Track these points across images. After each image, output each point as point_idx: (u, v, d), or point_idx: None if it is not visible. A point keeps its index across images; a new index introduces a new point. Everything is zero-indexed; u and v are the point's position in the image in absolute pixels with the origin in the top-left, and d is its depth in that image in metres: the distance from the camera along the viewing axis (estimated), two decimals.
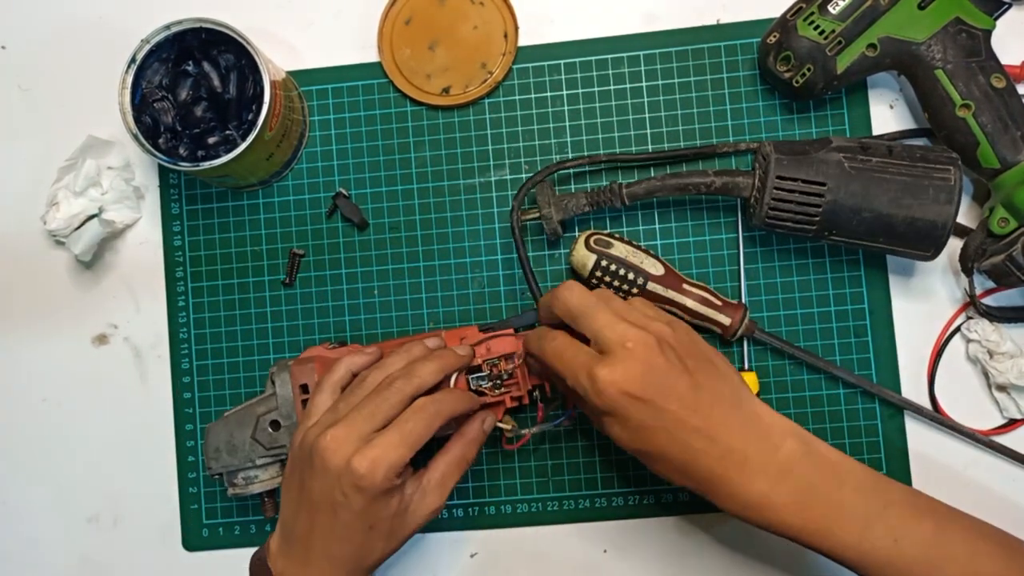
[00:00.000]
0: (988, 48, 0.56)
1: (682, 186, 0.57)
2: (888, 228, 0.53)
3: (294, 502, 0.50)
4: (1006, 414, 0.59)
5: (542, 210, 0.58)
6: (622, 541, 0.61)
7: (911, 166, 0.53)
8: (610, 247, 0.57)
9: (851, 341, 0.60)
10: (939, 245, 0.53)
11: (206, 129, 0.57)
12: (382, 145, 0.63)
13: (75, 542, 0.64)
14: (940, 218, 0.52)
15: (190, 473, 0.63)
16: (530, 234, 0.62)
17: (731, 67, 0.62)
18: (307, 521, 0.49)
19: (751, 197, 0.56)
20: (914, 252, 0.54)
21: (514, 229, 0.58)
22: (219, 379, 0.63)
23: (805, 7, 0.56)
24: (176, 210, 0.64)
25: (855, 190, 0.53)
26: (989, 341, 0.58)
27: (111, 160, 0.64)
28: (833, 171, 0.53)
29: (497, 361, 0.55)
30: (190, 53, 0.57)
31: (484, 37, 0.63)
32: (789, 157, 0.54)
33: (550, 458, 0.61)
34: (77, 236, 0.62)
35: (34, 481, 0.64)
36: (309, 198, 0.64)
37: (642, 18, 0.63)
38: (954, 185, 0.52)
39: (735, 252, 0.61)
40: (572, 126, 0.62)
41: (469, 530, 0.61)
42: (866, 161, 0.53)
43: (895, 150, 0.54)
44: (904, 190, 0.52)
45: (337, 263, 0.63)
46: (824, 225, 0.54)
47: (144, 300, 0.64)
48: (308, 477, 0.48)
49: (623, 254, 0.57)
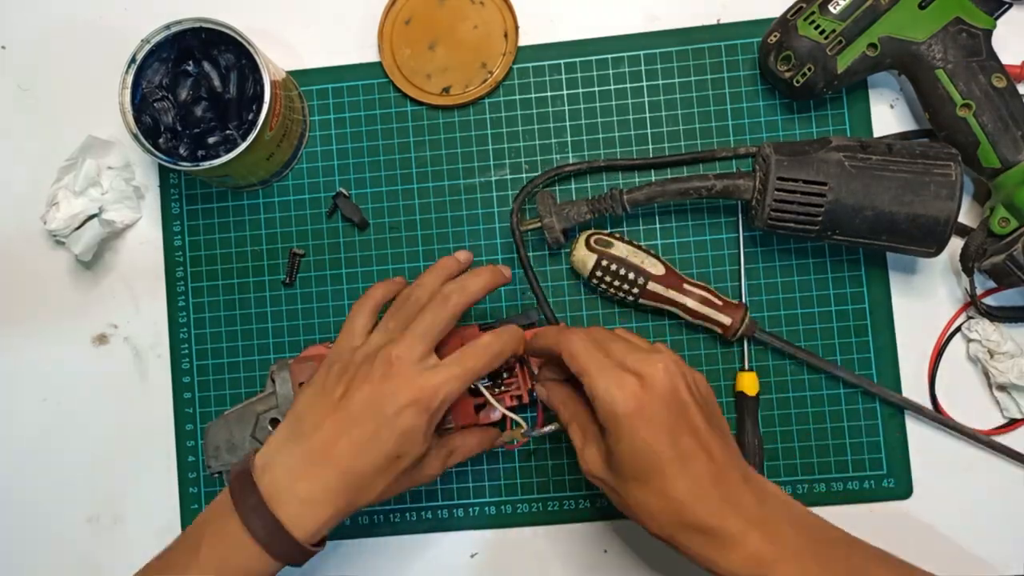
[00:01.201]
0: (989, 48, 0.56)
1: (683, 190, 0.57)
2: (891, 226, 0.53)
3: (318, 413, 0.48)
4: (1006, 414, 0.59)
5: (543, 220, 0.58)
6: (622, 541, 0.61)
7: (911, 163, 0.53)
8: (610, 247, 0.57)
9: (851, 341, 0.60)
10: (942, 241, 0.53)
11: (206, 129, 0.57)
12: (382, 145, 0.63)
13: (75, 542, 0.64)
14: (943, 214, 0.52)
15: (190, 473, 0.63)
16: (531, 243, 0.62)
17: (731, 67, 0.62)
18: (335, 429, 0.47)
19: (752, 199, 0.56)
20: (917, 249, 0.54)
21: (514, 231, 0.58)
22: (219, 379, 0.63)
23: (805, 7, 0.56)
24: (176, 210, 0.64)
25: (856, 189, 0.53)
26: (990, 341, 0.58)
27: (111, 160, 0.64)
28: (834, 170, 0.53)
29: None
30: (190, 53, 0.57)
31: (484, 37, 0.63)
32: (789, 158, 0.54)
33: (550, 458, 0.61)
34: (77, 236, 0.62)
35: (34, 481, 0.64)
36: (309, 198, 0.64)
37: (642, 18, 0.63)
38: (955, 181, 0.52)
39: (735, 252, 0.61)
40: (572, 126, 0.62)
41: (469, 530, 0.61)
42: (866, 159, 0.53)
43: (895, 148, 0.54)
44: (905, 187, 0.52)
45: (337, 263, 0.63)
46: (826, 225, 0.54)
47: (144, 300, 0.64)
48: (357, 387, 0.47)
49: (624, 254, 0.57)
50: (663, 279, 0.57)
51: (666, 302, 0.57)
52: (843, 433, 0.59)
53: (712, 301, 0.57)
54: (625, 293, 0.58)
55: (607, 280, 0.57)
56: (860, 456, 0.59)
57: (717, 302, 0.57)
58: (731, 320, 0.57)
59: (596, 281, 0.58)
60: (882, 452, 0.59)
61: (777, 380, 0.60)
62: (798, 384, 0.60)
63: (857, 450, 0.59)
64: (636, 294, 0.57)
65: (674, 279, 0.57)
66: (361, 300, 0.53)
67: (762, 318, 0.60)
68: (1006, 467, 0.59)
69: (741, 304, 0.58)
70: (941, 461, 0.59)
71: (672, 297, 0.57)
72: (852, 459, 0.59)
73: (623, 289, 0.57)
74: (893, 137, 0.60)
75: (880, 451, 0.59)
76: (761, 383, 0.59)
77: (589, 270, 0.57)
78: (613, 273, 0.57)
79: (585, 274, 0.58)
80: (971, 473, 0.59)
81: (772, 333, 0.59)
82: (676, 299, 0.57)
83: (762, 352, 0.60)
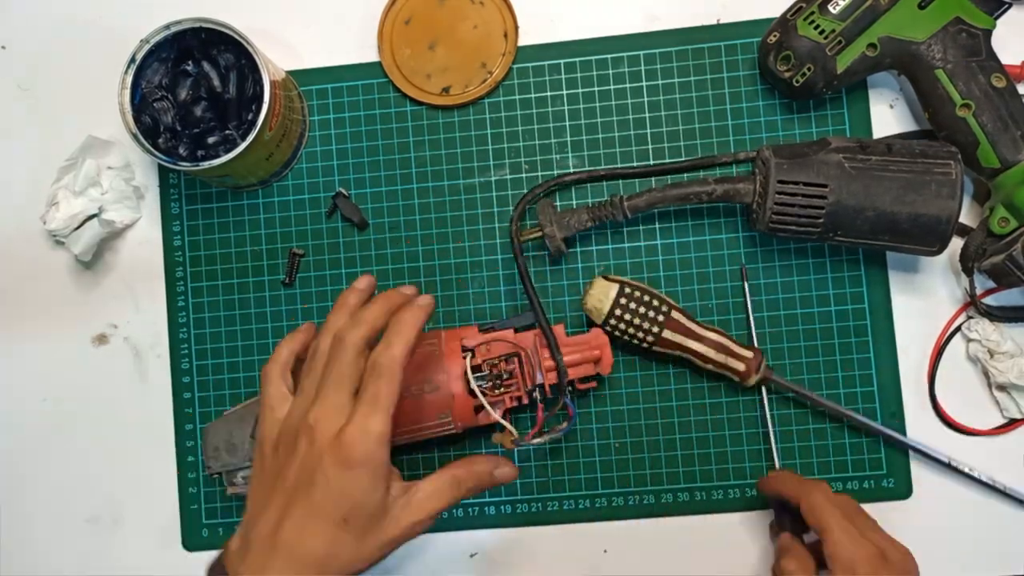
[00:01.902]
0: (988, 48, 0.56)
1: (683, 195, 0.57)
2: (892, 225, 0.53)
3: (263, 496, 0.47)
4: (1006, 414, 0.59)
5: (544, 229, 0.58)
6: (622, 541, 0.61)
7: (911, 162, 0.53)
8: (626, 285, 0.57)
9: (851, 341, 0.60)
10: (944, 239, 0.53)
11: (206, 129, 0.57)
12: (382, 145, 0.63)
13: (75, 542, 0.64)
14: (944, 213, 0.52)
15: (190, 473, 0.63)
16: (531, 249, 0.62)
17: (731, 67, 0.62)
18: (276, 514, 0.45)
19: (753, 203, 0.56)
20: (919, 248, 0.54)
21: (513, 239, 0.58)
22: (219, 379, 0.63)
23: (805, 7, 0.56)
24: (176, 210, 0.64)
25: (857, 190, 0.53)
26: (989, 341, 0.58)
27: (111, 160, 0.64)
28: (834, 172, 0.53)
29: (497, 361, 0.55)
30: (190, 53, 0.57)
31: (484, 37, 0.63)
32: (789, 161, 0.54)
33: (550, 458, 0.61)
34: (77, 236, 0.62)
35: (34, 481, 0.64)
36: (309, 198, 0.64)
37: (642, 18, 0.63)
38: (956, 179, 0.52)
39: (736, 252, 0.61)
40: (572, 126, 0.62)
41: (469, 530, 0.61)
42: (866, 160, 0.53)
43: (894, 147, 0.54)
44: (906, 187, 0.52)
45: (337, 263, 0.63)
46: (828, 227, 0.54)
47: (144, 300, 0.64)
48: (287, 464, 0.46)
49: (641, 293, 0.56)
50: (677, 326, 0.56)
51: (679, 348, 0.57)
52: (843, 433, 0.59)
53: (729, 348, 0.57)
54: (644, 334, 0.56)
55: (626, 319, 0.56)
56: (860, 456, 0.59)
57: (734, 348, 0.57)
58: (745, 367, 0.57)
59: (615, 322, 0.56)
60: (882, 452, 0.59)
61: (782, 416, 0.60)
62: (797, 384, 0.60)
63: (857, 450, 0.59)
64: (656, 333, 0.56)
65: (683, 328, 0.56)
66: (268, 364, 0.50)
67: (762, 318, 0.60)
68: (1006, 467, 0.59)
69: (756, 350, 0.57)
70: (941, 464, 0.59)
71: (687, 344, 0.57)
72: (852, 459, 0.59)
73: (642, 329, 0.56)
74: (893, 137, 0.60)
75: (880, 451, 0.59)
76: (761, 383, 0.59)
77: (612, 299, 0.56)
78: (636, 302, 0.56)
79: (605, 307, 0.56)
80: (971, 473, 0.59)
81: (788, 381, 0.58)
82: (691, 346, 0.57)
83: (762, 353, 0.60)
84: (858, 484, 0.59)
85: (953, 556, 0.58)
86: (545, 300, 0.61)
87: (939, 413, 0.59)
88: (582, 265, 0.62)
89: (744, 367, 0.57)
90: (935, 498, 0.59)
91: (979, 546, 0.59)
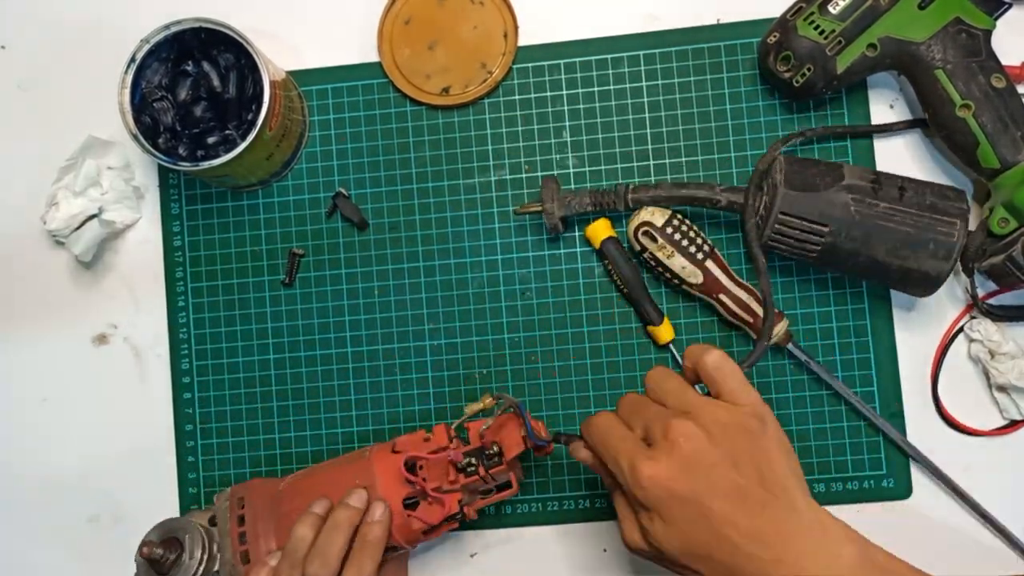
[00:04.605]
0: (988, 48, 0.56)
1: (688, 198, 0.57)
2: (883, 273, 0.54)
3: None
4: (1006, 415, 0.59)
5: (544, 205, 0.58)
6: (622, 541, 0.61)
7: (918, 215, 0.53)
8: (655, 241, 0.57)
9: (851, 341, 0.60)
10: (931, 290, 0.54)
11: (206, 129, 0.57)
12: (382, 145, 0.63)
13: (75, 542, 0.64)
14: (934, 271, 0.53)
15: (190, 473, 0.63)
16: (529, 234, 0.62)
17: (731, 67, 0.62)
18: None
19: (756, 218, 0.56)
20: (907, 291, 0.55)
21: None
22: (219, 379, 0.63)
23: (805, 7, 0.56)
24: (176, 210, 0.64)
25: (856, 236, 0.53)
26: (991, 341, 0.58)
27: (111, 160, 0.64)
28: (838, 213, 0.53)
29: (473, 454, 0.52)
30: (190, 53, 0.57)
31: (484, 37, 0.63)
32: (797, 193, 0.53)
33: (550, 458, 0.61)
34: (77, 236, 0.62)
35: (34, 481, 0.64)
36: (309, 198, 0.64)
37: (642, 18, 0.63)
38: (956, 242, 0.52)
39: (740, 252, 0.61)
40: (572, 126, 0.62)
41: (469, 530, 0.61)
42: (874, 206, 0.53)
43: (906, 195, 0.53)
44: (904, 241, 0.52)
45: (337, 263, 0.63)
46: (822, 259, 0.55)
47: (144, 300, 0.64)
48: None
49: (664, 257, 0.57)
50: (703, 287, 0.57)
51: (719, 289, 0.57)
52: (843, 433, 0.59)
53: (760, 299, 0.57)
54: (697, 249, 0.57)
55: (681, 230, 0.57)
56: (860, 456, 0.59)
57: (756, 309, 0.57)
58: (773, 319, 0.56)
59: (671, 231, 0.57)
60: (882, 452, 0.59)
61: (777, 380, 0.60)
62: (798, 384, 0.60)
63: (857, 450, 0.59)
64: (701, 259, 0.57)
65: (716, 285, 0.57)
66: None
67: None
68: (1005, 467, 0.59)
69: (781, 314, 0.58)
70: (941, 461, 0.59)
71: (724, 283, 0.57)
72: (852, 459, 0.59)
73: (695, 244, 0.57)
74: (910, 181, 0.55)
75: (880, 451, 0.59)
76: (761, 383, 0.59)
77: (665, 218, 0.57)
78: (684, 233, 0.57)
79: (658, 223, 0.57)
80: (970, 473, 0.59)
81: (805, 350, 0.58)
82: (727, 285, 0.57)
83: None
84: (858, 484, 0.59)
85: (953, 556, 0.58)
86: (542, 285, 0.61)
87: (941, 413, 0.59)
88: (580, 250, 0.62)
89: (771, 319, 0.55)
90: (935, 498, 0.59)
91: (979, 546, 0.59)
